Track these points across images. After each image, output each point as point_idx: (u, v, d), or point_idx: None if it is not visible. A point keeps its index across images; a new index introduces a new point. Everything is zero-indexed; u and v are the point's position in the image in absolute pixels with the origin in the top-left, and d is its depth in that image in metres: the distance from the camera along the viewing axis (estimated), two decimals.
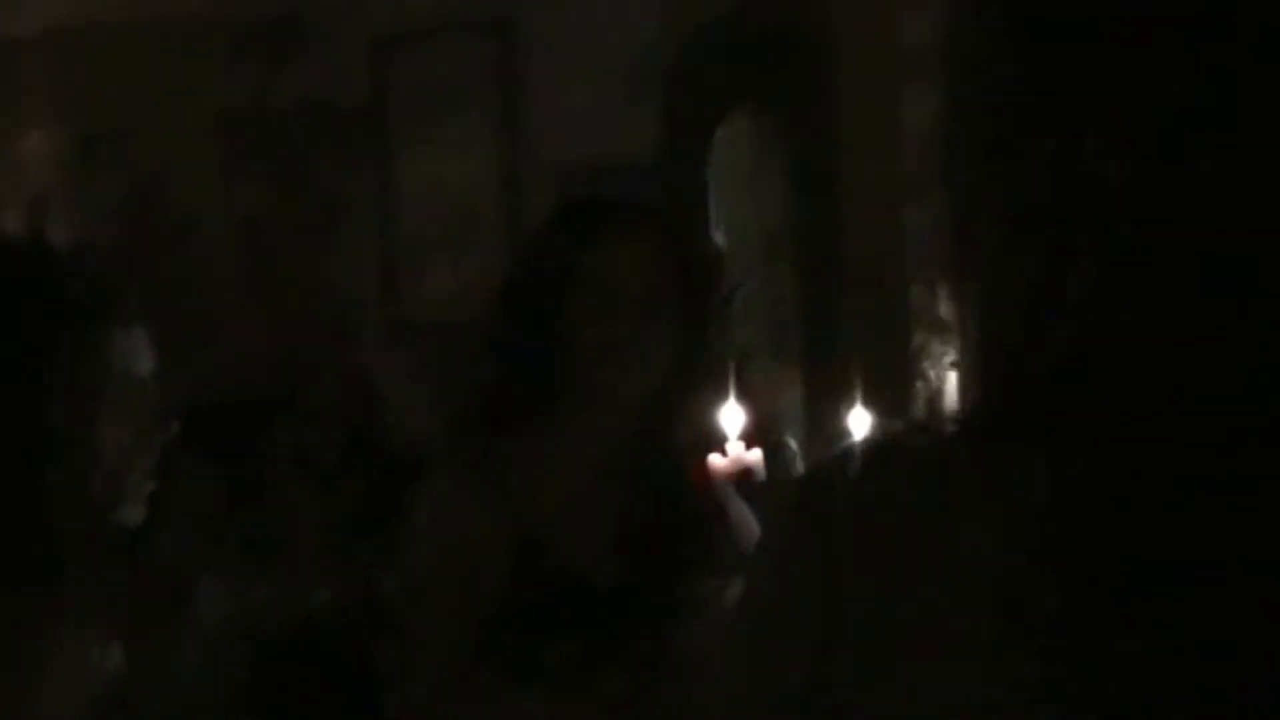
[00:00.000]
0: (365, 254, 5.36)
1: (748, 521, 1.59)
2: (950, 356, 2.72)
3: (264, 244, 5.20)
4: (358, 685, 3.95)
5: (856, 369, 1.95)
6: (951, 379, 1.77)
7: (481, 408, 2.05)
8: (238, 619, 4.11)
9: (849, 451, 1.02)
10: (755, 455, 1.57)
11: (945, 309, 2.76)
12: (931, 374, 2.90)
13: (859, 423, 1.81)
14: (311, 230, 5.26)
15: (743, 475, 1.59)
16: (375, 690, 4.01)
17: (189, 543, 4.41)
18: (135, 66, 5.24)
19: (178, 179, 5.30)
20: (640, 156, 4.55)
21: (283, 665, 4.08)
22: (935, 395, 2.27)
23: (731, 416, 1.65)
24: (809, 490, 0.99)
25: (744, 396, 1.71)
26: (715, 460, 1.61)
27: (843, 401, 1.82)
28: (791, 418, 3.89)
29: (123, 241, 5.07)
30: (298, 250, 5.23)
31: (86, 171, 5.49)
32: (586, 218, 2.06)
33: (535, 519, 1.95)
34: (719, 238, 4.10)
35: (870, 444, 1.23)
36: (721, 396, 1.73)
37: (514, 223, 5.29)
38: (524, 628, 1.88)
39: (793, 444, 2.20)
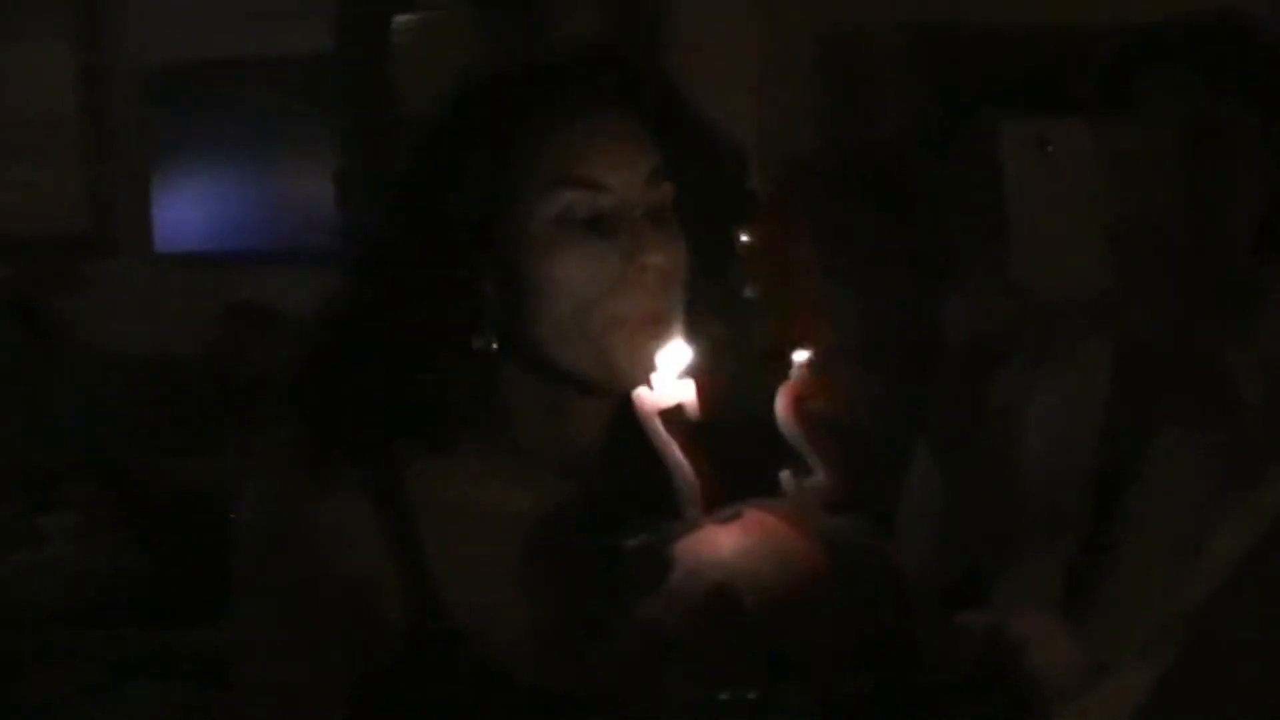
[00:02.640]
0: None
1: (679, 465, 1.33)
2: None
3: None
4: None
5: None
6: None
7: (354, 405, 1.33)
8: None
9: None
10: (688, 389, 1.32)
11: None
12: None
13: None
14: None
15: (674, 411, 1.34)
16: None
17: None
18: None
19: None
20: (295, 50, 4.13)
21: None
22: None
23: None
24: None
25: None
26: (642, 394, 1.34)
27: None
28: None
29: None
30: None
31: None
32: (539, 83, 1.31)
33: (438, 570, 1.32)
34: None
35: None
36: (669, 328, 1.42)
37: (99, 126, 4.80)
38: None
39: None
